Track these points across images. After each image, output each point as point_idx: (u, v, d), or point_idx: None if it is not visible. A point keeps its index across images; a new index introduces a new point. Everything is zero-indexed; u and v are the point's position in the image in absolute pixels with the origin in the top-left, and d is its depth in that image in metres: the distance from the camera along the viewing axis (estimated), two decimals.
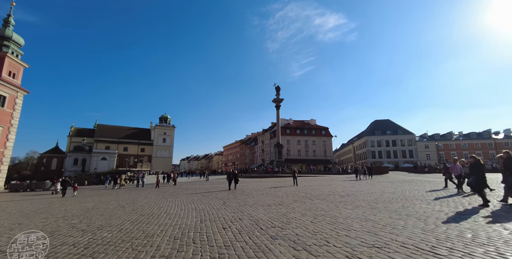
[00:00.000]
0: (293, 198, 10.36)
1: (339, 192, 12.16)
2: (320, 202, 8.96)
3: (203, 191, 16.19)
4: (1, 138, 26.93)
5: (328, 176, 32.88)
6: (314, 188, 15.22)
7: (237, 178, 17.18)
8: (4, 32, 27.96)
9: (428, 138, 73.89)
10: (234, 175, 17.12)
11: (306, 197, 10.77)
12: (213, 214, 7.24)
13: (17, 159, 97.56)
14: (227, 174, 17.73)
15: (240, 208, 8.23)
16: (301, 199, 10.11)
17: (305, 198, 10.22)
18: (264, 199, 10.38)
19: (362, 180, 20.61)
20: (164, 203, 10.90)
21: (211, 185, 23.08)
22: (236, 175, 17.34)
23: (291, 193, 12.54)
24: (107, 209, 9.46)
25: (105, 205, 10.97)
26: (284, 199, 10.12)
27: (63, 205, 11.72)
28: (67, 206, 11.25)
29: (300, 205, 8.26)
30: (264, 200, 10.20)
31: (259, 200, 10.27)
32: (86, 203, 12.47)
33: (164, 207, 9.37)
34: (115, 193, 18.33)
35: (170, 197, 13.40)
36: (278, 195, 12.07)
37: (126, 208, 9.74)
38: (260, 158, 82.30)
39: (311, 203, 8.80)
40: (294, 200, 9.67)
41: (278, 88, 48.81)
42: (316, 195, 11.40)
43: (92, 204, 11.89)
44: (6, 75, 27.63)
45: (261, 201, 9.89)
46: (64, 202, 13.24)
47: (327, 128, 75.18)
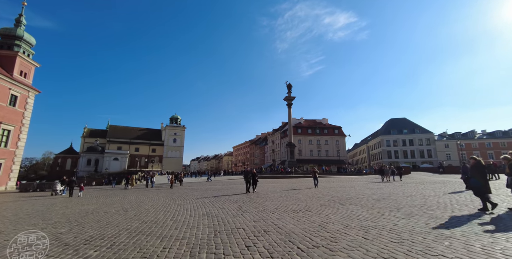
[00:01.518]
0: (320, 203, 8.86)
1: (370, 195, 10.53)
2: (355, 208, 7.43)
3: (214, 193, 14.93)
4: (13, 138, 26.83)
5: (344, 177, 30.94)
6: (337, 190, 13.62)
7: (256, 179, 14.49)
8: (15, 31, 27.96)
9: (448, 137, 69.97)
10: (253, 176, 14.39)
11: (334, 201, 9.24)
12: (229, 222, 5.88)
13: (34, 160, 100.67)
14: (244, 174, 14.91)
15: (260, 214, 6.83)
16: (329, 203, 8.60)
17: (334, 203, 8.70)
18: (286, 203, 8.93)
19: (389, 181, 18.66)
20: (171, 206, 9.67)
21: (222, 185, 21.85)
22: (255, 175, 14.61)
23: (315, 196, 11.03)
24: (107, 214, 8.31)
25: (107, 208, 9.87)
26: (310, 204, 8.64)
27: (63, 208, 10.73)
28: (67, 209, 10.24)
29: (333, 212, 6.76)
30: (286, 204, 8.76)
31: (280, 204, 8.84)
32: (88, 205, 11.46)
33: (171, 212, 8.12)
34: (122, 194, 17.41)
35: (179, 199, 12.20)
36: (300, 198, 10.60)
37: (129, 212, 8.56)
38: (270, 158, 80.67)
39: (345, 209, 7.29)
40: (323, 205, 8.17)
41: (290, 85, 47.19)
42: (345, 198, 9.84)
43: (94, 206, 10.85)
44: (18, 75, 27.57)
45: (283, 205, 8.46)
46: (67, 204, 12.31)
47: (340, 127, 72.64)
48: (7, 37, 27.90)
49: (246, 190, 14.16)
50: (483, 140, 65.87)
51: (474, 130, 68.61)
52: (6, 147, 26.05)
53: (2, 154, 25.66)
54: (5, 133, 26.00)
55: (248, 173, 14.64)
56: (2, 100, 25.36)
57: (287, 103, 46.61)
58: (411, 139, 70.53)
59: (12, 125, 26.56)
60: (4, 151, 25.87)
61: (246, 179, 14.41)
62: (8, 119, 26.02)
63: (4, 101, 25.60)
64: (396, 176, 19.38)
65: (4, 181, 26.05)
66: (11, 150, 26.59)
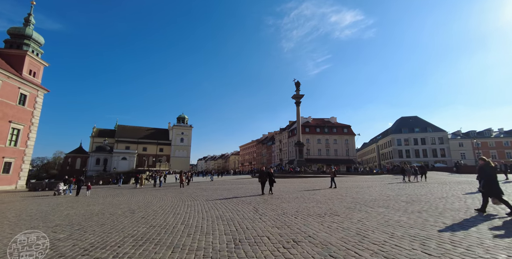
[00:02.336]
0: (344, 205, 8.02)
1: (396, 197, 9.61)
2: (387, 211, 6.57)
3: (224, 193, 14.23)
4: (23, 137, 26.89)
5: (356, 177, 29.78)
6: (356, 191, 12.71)
7: (274, 179, 12.81)
8: (24, 31, 28.04)
9: (462, 136, 67.45)
10: (269, 176, 12.72)
11: (358, 202, 8.38)
12: (248, 228, 5.13)
13: (46, 159, 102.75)
14: (259, 173, 13.33)
15: (281, 219, 6.06)
16: (355, 206, 7.74)
17: (359, 205, 7.84)
18: (306, 206, 8.13)
19: (411, 182, 17.45)
20: (181, 207, 9.01)
21: (231, 185, 21.17)
22: (272, 175, 12.94)
23: (335, 198, 10.17)
24: (112, 216, 7.70)
25: (113, 209, 9.29)
26: (333, 206, 7.81)
27: (68, 208, 10.23)
28: (72, 210, 9.72)
29: (365, 217, 5.93)
30: (306, 207, 7.96)
31: (299, 206, 8.04)
32: (94, 205, 10.94)
33: (181, 214, 7.44)
34: (130, 194, 16.94)
35: (188, 200, 11.55)
36: (319, 199, 9.77)
37: (136, 213, 7.93)
38: (277, 157, 79.85)
39: (376, 212, 6.43)
40: (348, 208, 7.33)
41: (298, 83, 46.17)
42: (369, 200, 8.96)
43: (100, 207, 10.31)
44: (27, 74, 27.63)
45: (303, 208, 7.66)
46: (73, 204, 11.84)
47: (349, 126, 71.02)
48: (16, 36, 28.00)
49: (262, 192, 12.76)
50: (500, 139, 63.16)
51: (491, 128, 65.90)
52: (16, 146, 26.11)
53: (12, 153, 25.72)
54: (14, 132, 26.06)
55: (264, 173, 13.06)
56: (12, 99, 25.40)
57: (296, 101, 45.60)
58: (423, 138, 68.34)
59: (22, 124, 26.61)
60: (14, 150, 25.93)
61: (262, 180, 12.92)
62: (17, 118, 26.07)
63: (14, 100, 25.64)
64: (418, 176, 18.11)
65: (14, 180, 26.13)
66: (20, 149, 26.66)
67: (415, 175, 17.96)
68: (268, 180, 12.60)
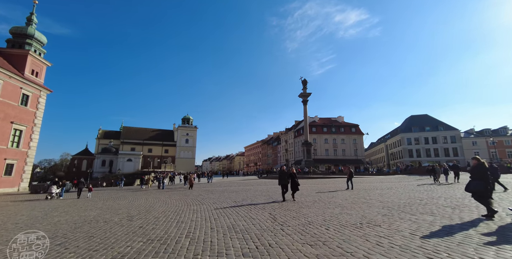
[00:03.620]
0: (376, 211, 6.79)
1: (431, 200, 8.32)
2: (438, 219, 5.33)
3: (232, 196, 13.11)
4: (25, 138, 26.32)
5: (369, 178, 28.27)
6: (380, 194, 11.43)
7: (297, 182, 10.16)
8: (26, 30, 27.56)
9: (476, 134, 64.93)
10: (292, 177, 10.14)
11: (391, 208, 7.15)
12: (271, 246, 3.98)
13: (53, 161, 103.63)
14: (279, 174, 10.39)
15: (309, 230, 4.89)
16: (390, 212, 6.51)
17: (395, 211, 6.61)
18: (331, 212, 6.93)
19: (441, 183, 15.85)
20: (186, 213, 7.92)
21: (238, 187, 20.06)
22: (295, 176, 10.30)
23: (359, 202, 8.94)
24: (106, 224, 6.65)
25: (110, 215, 8.25)
26: (364, 213, 6.59)
27: (62, 214, 9.25)
28: (66, 215, 8.73)
29: (415, 228, 4.71)
30: (332, 213, 6.76)
31: (324, 213, 6.85)
32: (91, 210, 9.94)
33: (186, 222, 6.33)
34: (132, 196, 15.98)
35: (194, 204, 10.47)
36: (342, 204, 8.55)
37: (134, 221, 6.87)
38: (283, 158, 78.47)
39: (424, 221, 5.21)
40: (385, 215, 6.11)
41: (305, 81, 44.95)
42: (403, 205, 7.71)
43: (97, 212, 9.30)
44: (29, 74, 27.10)
45: (330, 215, 6.47)
46: (69, 208, 10.87)
47: (357, 125, 69.20)
48: (19, 35, 27.53)
49: (283, 198, 10.00)
50: None
51: (506, 126, 63.30)
52: (18, 147, 25.54)
53: (14, 155, 25.15)
54: (17, 133, 25.50)
55: (285, 174, 10.16)
56: (14, 100, 24.85)
57: (303, 99, 44.35)
58: (434, 137, 66.13)
59: (24, 125, 26.04)
60: (16, 152, 25.36)
61: (282, 182, 10.05)
62: (19, 119, 25.51)
63: (16, 100, 25.09)
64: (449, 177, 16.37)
65: (16, 182, 25.55)
66: (23, 150, 26.08)
67: (446, 175, 16.29)
68: (290, 183, 10.10)
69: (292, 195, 10.20)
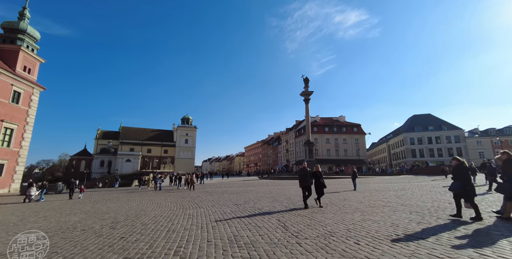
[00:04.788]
0: (405, 216, 5.70)
1: None
2: (495, 230, 4.24)
3: (233, 197, 12.00)
4: (16, 137, 25.22)
5: (374, 178, 27.12)
6: (396, 195, 10.34)
7: (323, 182, 8.06)
8: (18, 25, 26.51)
9: (480, 134, 63.87)
10: (316, 177, 8.14)
11: (423, 213, 6.05)
12: None
13: (52, 162, 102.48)
14: (300, 174, 8.40)
15: (335, 246, 3.80)
16: (424, 218, 5.41)
17: (430, 217, 5.51)
18: (352, 218, 5.83)
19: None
20: (179, 219, 6.83)
21: (239, 188, 18.95)
22: (321, 176, 8.20)
23: (378, 205, 7.85)
24: (83, 233, 5.55)
25: (93, 221, 7.15)
26: (391, 219, 5.50)
27: (40, 219, 8.16)
28: (42, 222, 7.63)
29: (475, 241, 3.61)
30: (353, 219, 5.67)
31: (344, 219, 5.75)
32: (75, 214, 8.84)
33: (178, 232, 5.23)
34: (126, 198, 14.88)
35: (190, 207, 9.37)
36: (360, 208, 7.44)
37: (117, 229, 5.77)
38: (284, 158, 77.37)
39: (476, 233, 4.12)
40: (420, 223, 5.01)
41: (307, 79, 43.80)
42: (434, 209, 6.62)
43: (80, 216, 8.20)
44: (21, 70, 26.03)
45: (352, 222, 5.37)
46: (51, 213, 9.77)
47: (359, 125, 68.09)
48: (10, 30, 26.46)
49: (305, 204, 7.87)
50: None
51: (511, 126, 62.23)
52: (9, 147, 24.43)
53: (5, 154, 24.03)
54: (7, 132, 24.39)
55: (307, 173, 8.11)
56: (4, 97, 23.76)
57: (304, 98, 43.19)
58: (437, 136, 65.04)
59: (15, 124, 24.94)
60: (7, 151, 24.25)
61: (305, 184, 7.97)
62: (10, 117, 24.41)
63: (6, 97, 24.00)
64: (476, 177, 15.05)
65: (7, 183, 24.43)
66: (14, 150, 24.97)
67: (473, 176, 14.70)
68: (314, 184, 8.05)
69: (317, 200, 8.03)
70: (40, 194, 15.73)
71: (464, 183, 5.35)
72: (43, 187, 16.46)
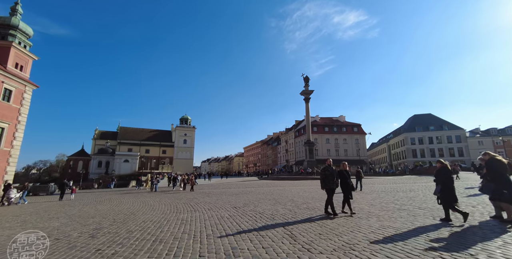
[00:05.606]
0: (430, 222, 4.92)
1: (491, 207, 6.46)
2: None
3: (232, 199, 11.20)
4: (7, 137, 24.26)
5: (377, 179, 26.33)
6: (410, 197, 9.60)
7: (351, 184, 6.69)
8: (10, 20, 25.64)
9: (482, 134, 63.33)
10: (343, 177, 6.65)
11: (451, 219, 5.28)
12: None
13: (49, 162, 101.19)
14: (324, 173, 6.72)
15: None
16: (457, 226, 4.64)
17: (460, 224, 4.74)
18: (369, 226, 5.05)
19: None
20: (171, 225, 6.03)
21: (238, 189, 18.14)
22: (348, 176, 6.74)
23: (392, 208, 7.07)
24: (56, 243, 4.74)
25: (73, 227, 6.33)
26: (414, 226, 4.72)
27: (17, 224, 7.35)
28: (17, 228, 6.81)
29: None
30: (371, 227, 4.88)
31: (359, 227, 4.97)
32: (57, 219, 8.01)
33: (167, 243, 4.43)
34: (118, 200, 14.05)
35: (185, 210, 8.56)
36: (373, 212, 6.66)
37: (97, 238, 4.96)
38: (283, 158, 76.62)
39: None
40: (453, 233, 4.23)
41: (307, 78, 43.12)
42: (459, 214, 5.84)
43: (62, 221, 7.39)
44: (12, 67, 25.12)
45: (371, 231, 4.59)
46: (32, 216, 8.95)
47: (359, 124, 67.46)
48: (1, 26, 25.57)
49: (333, 211, 6.39)
50: None
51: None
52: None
53: None
54: None
55: (333, 173, 6.55)
56: None
57: (305, 97, 42.49)
58: (438, 136, 64.50)
59: (6, 122, 24.02)
60: None
61: (331, 186, 6.45)
62: (1, 116, 23.44)
63: None
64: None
65: None
66: (5, 149, 24.03)
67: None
68: (341, 186, 6.60)
69: (346, 206, 6.46)
70: (21, 196, 14.63)
71: (444, 187, 5.21)
72: (25, 188, 15.34)
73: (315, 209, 7.52)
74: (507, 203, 4.66)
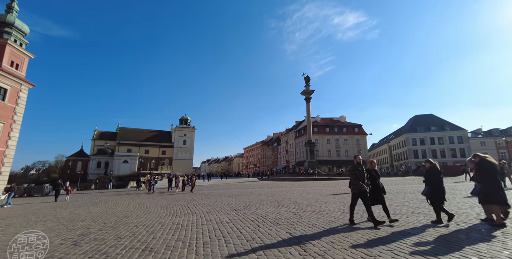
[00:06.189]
0: (457, 230, 4.36)
1: None
2: None
3: (232, 201, 10.63)
4: (2, 136, 23.72)
5: (381, 180, 25.68)
6: (419, 200, 9.05)
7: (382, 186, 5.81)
8: (5, 18, 25.16)
9: (484, 134, 62.81)
10: (371, 177, 5.65)
11: (471, 223, 4.72)
12: None
13: (47, 163, 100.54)
14: (354, 173, 5.49)
15: None
16: (488, 233, 4.09)
17: (490, 231, 4.19)
18: (385, 232, 4.49)
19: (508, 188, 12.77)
20: (165, 229, 5.47)
21: (238, 190, 17.58)
22: (378, 176, 5.80)
23: (403, 212, 6.54)
24: None
25: (56, 234, 5.76)
26: (439, 233, 4.16)
27: (1, 228, 6.78)
28: (1, 232, 6.27)
29: None
30: (387, 233, 4.32)
31: (375, 234, 4.41)
32: (44, 222, 7.45)
33: (158, 252, 3.88)
34: (114, 201, 13.47)
35: (182, 213, 7.99)
36: (385, 216, 6.10)
37: (79, 247, 4.41)
38: (284, 159, 75.99)
39: None
40: (483, 240, 3.69)
41: (308, 78, 42.64)
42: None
43: (48, 225, 6.83)
44: (8, 65, 24.61)
45: (389, 239, 4.03)
46: (17, 219, 8.38)
47: (360, 125, 66.92)
48: None
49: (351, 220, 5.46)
50: None
51: None
52: None
53: None
54: None
55: (363, 173, 5.47)
56: None
57: (305, 97, 41.99)
58: (440, 137, 63.94)
59: (1, 122, 23.44)
60: None
61: (360, 188, 5.32)
62: None
63: None
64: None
65: None
66: (0, 149, 23.51)
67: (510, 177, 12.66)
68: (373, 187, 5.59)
69: (386, 211, 5.44)
70: (7, 198, 13.95)
71: (433, 187, 5.14)
72: (11, 190, 14.55)
73: (322, 212, 6.96)
74: (496, 205, 4.53)
